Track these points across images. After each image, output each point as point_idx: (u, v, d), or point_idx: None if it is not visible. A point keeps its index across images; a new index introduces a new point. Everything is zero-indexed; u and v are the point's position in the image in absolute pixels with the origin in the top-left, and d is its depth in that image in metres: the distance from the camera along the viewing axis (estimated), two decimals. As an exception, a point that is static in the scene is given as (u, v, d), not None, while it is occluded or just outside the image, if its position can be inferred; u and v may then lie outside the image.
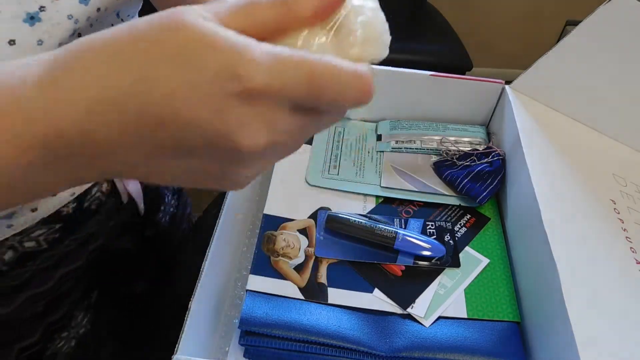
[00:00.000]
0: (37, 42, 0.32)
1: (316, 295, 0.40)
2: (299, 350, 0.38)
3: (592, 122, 0.49)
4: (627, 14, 0.43)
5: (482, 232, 0.46)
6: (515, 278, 0.43)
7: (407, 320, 0.40)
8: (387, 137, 0.54)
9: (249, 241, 0.48)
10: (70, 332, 0.50)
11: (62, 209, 0.41)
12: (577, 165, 0.44)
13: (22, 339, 0.46)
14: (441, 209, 0.48)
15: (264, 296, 0.40)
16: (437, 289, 0.42)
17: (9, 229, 0.38)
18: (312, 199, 0.48)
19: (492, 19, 1.96)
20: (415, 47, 1.41)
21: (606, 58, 0.46)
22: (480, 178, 0.47)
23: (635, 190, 0.44)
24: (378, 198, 0.49)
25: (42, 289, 0.44)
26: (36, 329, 0.47)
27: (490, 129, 0.55)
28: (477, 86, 0.52)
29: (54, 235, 0.42)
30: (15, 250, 0.40)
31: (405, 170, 0.50)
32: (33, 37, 0.32)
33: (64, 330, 0.49)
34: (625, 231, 0.40)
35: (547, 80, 0.49)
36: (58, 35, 0.33)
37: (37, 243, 0.41)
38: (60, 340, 0.49)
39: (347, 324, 0.39)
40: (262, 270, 0.42)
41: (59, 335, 0.49)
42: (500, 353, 0.38)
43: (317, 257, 0.43)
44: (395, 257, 0.43)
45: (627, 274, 0.37)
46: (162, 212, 0.61)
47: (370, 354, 0.38)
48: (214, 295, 0.40)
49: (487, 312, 0.40)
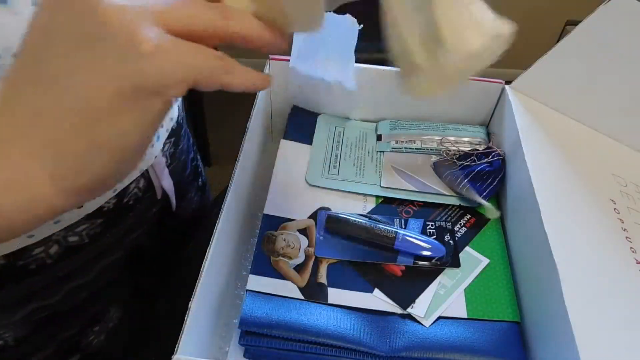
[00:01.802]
0: None
1: (316, 295, 0.40)
2: (299, 350, 0.38)
3: (592, 122, 0.49)
4: (627, 14, 0.43)
5: (482, 232, 0.46)
6: (515, 278, 0.43)
7: (407, 320, 0.40)
8: (387, 137, 0.54)
9: (249, 241, 0.48)
10: (102, 326, 0.52)
11: (104, 205, 0.44)
12: (577, 165, 0.44)
13: (63, 331, 0.48)
14: (441, 209, 0.48)
15: (264, 296, 0.40)
16: (437, 289, 0.42)
17: (56, 224, 0.40)
18: (312, 199, 0.48)
19: (492, 19, 1.96)
20: (415, 47, 1.40)
21: (606, 58, 0.46)
22: (480, 178, 0.47)
23: (635, 190, 0.44)
24: (378, 198, 0.49)
25: (84, 281, 0.47)
26: (75, 322, 0.49)
27: (490, 129, 0.55)
28: (477, 86, 0.52)
29: (95, 230, 0.44)
30: (60, 244, 0.42)
31: (405, 170, 0.50)
32: None
33: (97, 325, 0.51)
34: (625, 231, 0.40)
35: (547, 80, 0.49)
36: None
37: (80, 237, 0.43)
38: (92, 334, 0.51)
39: (347, 324, 0.39)
40: (262, 270, 0.42)
41: (92, 329, 0.51)
42: (500, 353, 0.38)
43: (317, 257, 0.43)
44: (395, 257, 0.43)
45: (627, 273, 0.37)
46: (183, 207, 0.62)
47: (370, 354, 0.38)
48: (214, 295, 0.40)
49: (487, 312, 0.40)
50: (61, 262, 0.43)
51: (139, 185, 0.48)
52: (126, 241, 0.50)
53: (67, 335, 0.49)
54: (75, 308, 0.48)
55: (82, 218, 0.42)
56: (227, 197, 0.40)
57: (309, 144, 0.53)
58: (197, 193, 0.66)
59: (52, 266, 0.43)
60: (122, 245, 0.50)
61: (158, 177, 0.51)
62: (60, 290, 0.45)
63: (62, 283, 0.45)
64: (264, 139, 0.56)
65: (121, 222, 0.48)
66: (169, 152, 0.53)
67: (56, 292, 0.45)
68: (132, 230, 0.50)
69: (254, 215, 0.51)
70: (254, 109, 0.48)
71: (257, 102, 0.49)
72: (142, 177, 0.48)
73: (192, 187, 0.64)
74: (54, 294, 0.45)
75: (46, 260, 0.42)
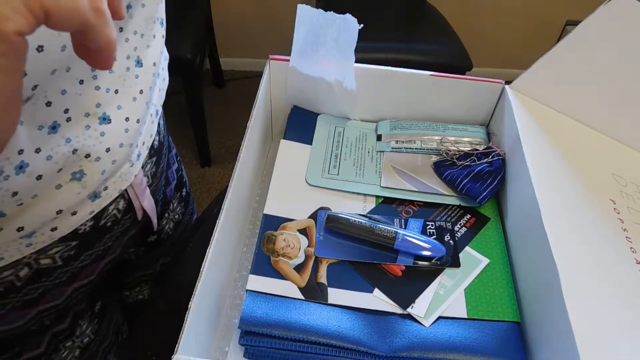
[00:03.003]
0: (61, 49, 0.31)
1: (316, 295, 0.40)
2: (299, 350, 0.38)
3: (592, 122, 0.49)
4: (627, 14, 0.43)
5: (482, 232, 0.46)
6: (515, 278, 0.43)
7: (407, 320, 0.40)
8: (387, 137, 0.54)
9: (249, 241, 0.48)
10: (75, 342, 0.50)
11: (80, 227, 0.42)
12: (577, 165, 0.44)
13: (28, 351, 0.46)
14: (441, 209, 0.48)
15: (264, 296, 0.40)
16: (437, 289, 0.42)
17: (28, 247, 0.38)
18: (312, 199, 0.48)
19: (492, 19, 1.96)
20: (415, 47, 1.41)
21: (606, 58, 0.46)
22: (480, 178, 0.47)
23: (635, 190, 0.44)
24: (378, 198, 0.49)
25: (53, 304, 0.44)
26: (42, 340, 0.47)
27: (490, 129, 0.55)
28: (477, 86, 0.52)
29: (69, 252, 0.42)
30: (30, 266, 0.40)
31: (405, 170, 0.51)
32: (58, 43, 0.31)
33: (69, 340, 0.50)
34: (625, 231, 0.40)
35: (547, 80, 0.49)
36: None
37: (52, 260, 0.41)
38: (64, 350, 0.49)
39: (347, 324, 0.39)
40: (262, 270, 0.42)
41: (64, 345, 0.49)
42: (500, 353, 0.38)
43: (317, 257, 0.43)
44: (395, 257, 0.43)
45: (627, 274, 0.37)
46: (167, 218, 0.61)
47: (370, 354, 0.38)
48: (214, 295, 0.40)
49: (487, 312, 0.40)
50: (30, 285, 0.41)
51: (118, 207, 0.45)
52: (104, 262, 0.48)
53: (33, 356, 0.47)
54: (40, 329, 0.46)
55: (55, 240, 0.40)
56: (227, 197, 0.40)
57: (309, 144, 0.53)
58: (179, 204, 0.64)
59: (20, 289, 0.40)
60: (99, 266, 0.47)
61: (138, 197, 0.48)
62: (27, 314, 0.43)
63: (28, 306, 0.42)
64: (264, 139, 0.56)
65: (96, 243, 0.45)
66: (151, 172, 0.51)
67: (22, 317, 0.43)
68: (109, 250, 0.47)
69: (254, 215, 0.51)
70: (254, 109, 0.48)
71: (257, 102, 0.49)
72: (121, 198, 0.45)
73: (175, 198, 0.63)
74: (20, 319, 0.43)
75: (15, 283, 0.40)
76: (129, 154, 0.42)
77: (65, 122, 0.35)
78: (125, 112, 0.40)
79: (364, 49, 0.51)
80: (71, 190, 0.38)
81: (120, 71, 0.39)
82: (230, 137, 1.84)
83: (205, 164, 1.75)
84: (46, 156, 0.34)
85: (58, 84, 0.33)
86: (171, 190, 0.61)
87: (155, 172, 0.52)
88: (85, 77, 0.36)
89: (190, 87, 1.47)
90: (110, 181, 0.42)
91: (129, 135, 0.41)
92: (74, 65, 0.34)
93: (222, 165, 1.76)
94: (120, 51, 0.39)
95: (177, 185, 0.63)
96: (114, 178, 0.42)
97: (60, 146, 0.35)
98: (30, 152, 0.33)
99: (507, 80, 0.51)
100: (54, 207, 0.37)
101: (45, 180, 0.35)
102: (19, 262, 0.39)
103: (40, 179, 0.34)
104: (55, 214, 0.37)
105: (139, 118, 0.42)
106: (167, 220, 0.61)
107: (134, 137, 0.42)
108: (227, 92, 2.08)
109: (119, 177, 0.42)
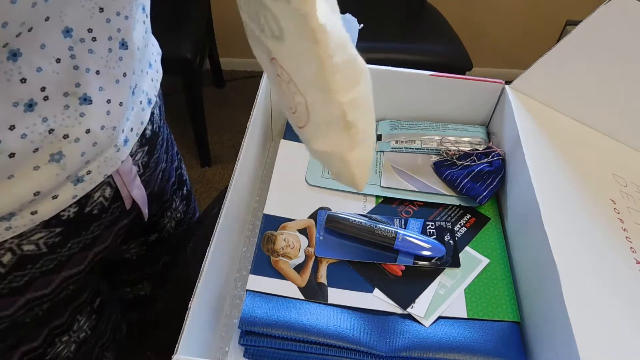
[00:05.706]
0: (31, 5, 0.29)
1: (316, 295, 0.40)
2: (299, 350, 0.38)
3: (592, 122, 0.49)
4: (627, 14, 0.43)
5: (482, 232, 0.46)
6: (515, 278, 0.43)
7: (407, 320, 0.40)
8: (387, 137, 0.54)
9: (249, 241, 0.48)
10: (72, 337, 0.50)
11: (63, 213, 0.41)
12: (577, 165, 0.44)
13: (24, 343, 0.46)
14: (441, 209, 0.48)
15: (264, 296, 0.40)
16: (437, 289, 0.42)
17: (8, 231, 0.38)
18: (312, 199, 0.48)
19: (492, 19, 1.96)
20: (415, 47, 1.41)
21: (606, 58, 0.46)
22: (480, 178, 0.47)
23: (635, 190, 0.44)
24: (378, 198, 0.49)
25: (42, 292, 0.44)
26: (39, 333, 0.47)
27: (490, 129, 0.55)
28: (477, 86, 0.52)
29: (54, 239, 0.42)
30: (14, 252, 0.40)
31: (405, 170, 0.51)
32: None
33: (65, 335, 0.49)
34: (625, 231, 0.40)
35: (547, 80, 0.49)
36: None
37: (36, 246, 0.41)
38: (60, 345, 0.49)
39: (347, 324, 0.39)
40: (262, 270, 0.42)
41: (60, 340, 0.49)
42: (500, 353, 0.38)
43: (317, 257, 0.43)
44: (395, 257, 0.43)
45: (627, 274, 0.37)
46: (168, 217, 0.61)
47: (370, 354, 0.38)
48: (214, 295, 0.40)
49: (487, 312, 0.40)
50: (15, 272, 0.41)
51: (104, 194, 0.44)
52: (93, 251, 0.47)
53: (29, 349, 0.46)
54: (35, 321, 0.45)
55: (37, 226, 0.40)
56: (227, 197, 0.40)
57: (309, 144, 0.53)
58: (181, 202, 0.64)
59: (4, 276, 0.40)
60: (89, 256, 0.47)
61: (126, 186, 0.47)
62: (16, 302, 0.42)
63: (16, 294, 0.42)
64: (264, 139, 0.56)
65: (85, 231, 0.44)
66: (142, 162, 0.50)
67: (10, 305, 0.42)
68: (98, 240, 0.47)
69: (254, 215, 0.51)
70: (254, 109, 0.48)
71: (257, 102, 0.49)
72: (107, 186, 0.45)
73: (177, 197, 0.63)
74: (8, 306, 0.42)
75: None
76: (113, 137, 0.41)
77: (43, 100, 0.34)
78: (107, 94, 0.39)
79: (364, 48, 0.51)
80: (50, 172, 0.37)
81: (102, 52, 0.38)
82: (230, 137, 1.84)
83: (205, 164, 1.75)
84: (20, 134, 0.34)
85: (31, 59, 0.33)
86: (169, 187, 0.60)
87: (148, 162, 0.51)
88: (63, 55, 0.35)
89: (190, 87, 1.47)
90: (94, 165, 0.41)
91: (110, 118, 0.40)
92: (48, 39, 0.33)
93: (222, 165, 1.76)
94: (101, 32, 0.38)
95: (178, 184, 0.63)
96: (97, 162, 0.41)
97: (37, 125, 0.34)
98: (3, 129, 0.33)
99: (507, 80, 0.52)
100: (32, 188, 0.36)
101: (20, 160, 0.35)
102: (1, 246, 0.39)
103: (14, 157, 0.34)
104: (33, 195, 0.37)
105: (122, 101, 0.41)
106: (168, 219, 0.61)
107: (117, 120, 0.41)
108: (227, 92, 2.08)
109: (104, 161, 0.42)
